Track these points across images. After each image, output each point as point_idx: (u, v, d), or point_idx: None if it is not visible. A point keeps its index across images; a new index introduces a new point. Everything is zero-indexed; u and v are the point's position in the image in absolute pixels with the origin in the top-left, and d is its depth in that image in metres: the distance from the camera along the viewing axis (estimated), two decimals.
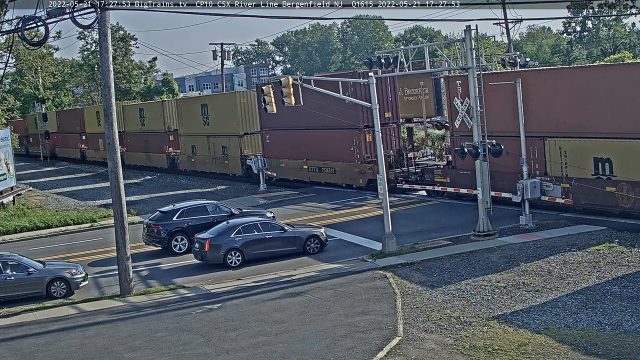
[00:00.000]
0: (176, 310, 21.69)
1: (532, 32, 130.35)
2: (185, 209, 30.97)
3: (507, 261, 23.84)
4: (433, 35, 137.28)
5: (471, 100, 27.83)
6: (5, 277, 24.26)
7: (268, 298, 22.14)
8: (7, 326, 21.55)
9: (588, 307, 18.83)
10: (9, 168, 47.05)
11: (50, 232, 37.69)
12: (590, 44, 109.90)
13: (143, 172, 61.20)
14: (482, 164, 27.69)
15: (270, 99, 28.27)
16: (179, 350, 18.15)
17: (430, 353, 16.59)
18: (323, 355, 16.84)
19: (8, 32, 35.67)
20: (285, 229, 27.89)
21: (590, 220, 28.59)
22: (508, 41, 59.20)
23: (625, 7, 42.39)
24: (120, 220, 24.08)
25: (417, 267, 24.23)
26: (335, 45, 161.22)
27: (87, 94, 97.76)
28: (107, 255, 29.84)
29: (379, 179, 27.13)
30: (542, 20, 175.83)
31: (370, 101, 27.56)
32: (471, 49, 27.35)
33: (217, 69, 79.21)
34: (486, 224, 27.51)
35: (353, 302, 20.91)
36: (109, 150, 24.31)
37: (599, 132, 27.93)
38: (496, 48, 53.64)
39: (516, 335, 17.23)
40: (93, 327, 20.78)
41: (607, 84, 27.66)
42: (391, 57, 29.51)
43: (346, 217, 34.82)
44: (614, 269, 21.95)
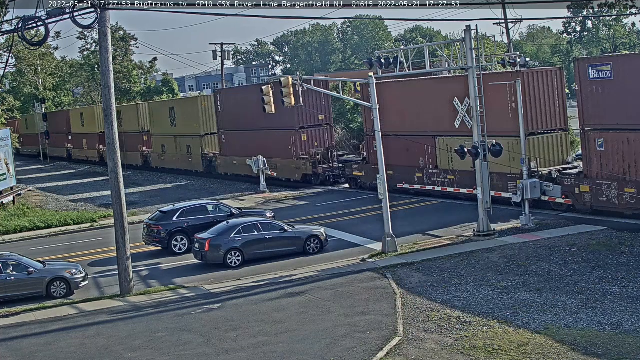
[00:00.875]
0: (176, 310, 21.69)
1: (532, 32, 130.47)
2: (185, 209, 30.98)
3: (507, 261, 23.85)
4: (433, 35, 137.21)
5: (471, 100, 27.84)
6: (5, 277, 24.26)
7: (268, 298, 22.14)
8: (7, 326, 21.55)
9: (588, 307, 18.84)
10: (9, 168, 47.04)
11: (50, 232, 37.69)
12: (590, 44, 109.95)
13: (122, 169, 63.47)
14: (482, 163, 27.70)
15: (270, 99, 28.30)
16: (179, 350, 18.15)
17: (430, 353, 16.59)
18: (323, 355, 16.85)
19: (8, 32, 35.66)
20: (285, 229, 27.90)
21: (590, 220, 28.60)
22: (508, 41, 59.17)
23: (625, 7, 42.37)
24: (120, 220, 24.08)
25: (417, 267, 24.24)
26: (335, 45, 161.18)
27: (87, 94, 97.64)
28: (107, 255, 29.84)
29: (379, 179, 27.11)
30: (542, 20, 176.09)
31: (370, 101, 27.53)
32: (471, 49, 27.36)
33: (217, 69, 79.18)
34: (486, 224, 27.52)
35: (353, 302, 20.91)
36: (109, 150, 24.30)
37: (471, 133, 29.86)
38: (496, 48, 53.64)
39: (516, 335, 17.23)
40: (93, 327, 20.78)
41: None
42: (391, 57, 29.50)
43: (346, 217, 34.85)
44: (614, 269, 21.96)
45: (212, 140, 53.89)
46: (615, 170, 28.18)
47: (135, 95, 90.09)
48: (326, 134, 44.69)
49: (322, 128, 44.55)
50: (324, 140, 44.52)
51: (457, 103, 31.76)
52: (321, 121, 44.28)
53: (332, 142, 45.21)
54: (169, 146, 59.25)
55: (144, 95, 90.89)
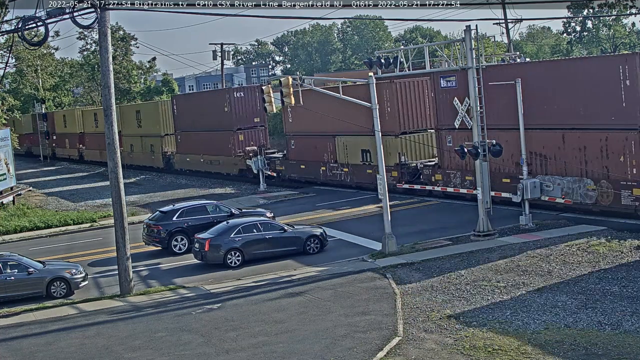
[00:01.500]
0: (176, 310, 21.69)
1: (532, 32, 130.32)
2: (185, 209, 31.00)
3: (507, 261, 23.83)
4: (433, 35, 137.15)
5: (471, 100, 27.85)
6: (5, 277, 24.26)
7: (268, 298, 22.14)
8: (7, 326, 21.55)
9: (588, 307, 18.83)
10: (8, 168, 47.06)
11: (50, 232, 37.71)
12: (590, 44, 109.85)
13: (96, 166, 71.42)
14: (482, 163, 27.70)
15: (270, 99, 28.31)
16: (179, 350, 18.15)
17: (430, 353, 16.58)
18: (323, 355, 16.84)
19: (8, 32, 35.67)
20: (285, 229, 27.90)
21: (590, 220, 28.59)
22: (508, 41, 59.22)
23: (625, 7, 42.43)
24: (120, 220, 24.08)
25: (417, 267, 24.24)
26: (335, 45, 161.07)
27: (87, 94, 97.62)
28: (107, 255, 29.85)
29: (379, 179, 27.12)
30: (542, 20, 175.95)
31: (369, 102, 27.53)
32: (471, 49, 27.37)
33: (217, 69, 79.28)
34: (486, 224, 27.52)
35: (353, 302, 20.91)
36: (109, 150, 24.32)
37: (362, 132, 36.32)
38: (496, 48, 53.68)
39: (516, 335, 17.21)
40: (93, 327, 20.78)
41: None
42: (391, 57, 29.51)
43: (346, 217, 34.86)
44: (614, 269, 21.95)
45: (171, 140, 60.14)
46: (459, 162, 33.25)
47: (135, 95, 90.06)
48: (261, 134, 51.41)
49: (257, 129, 51.24)
50: (258, 140, 50.82)
51: (456, 103, 31.80)
52: (256, 123, 51.06)
53: (265, 141, 51.40)
54: (136, 145, 64.98)
55: (143, 95, 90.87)
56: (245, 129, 50.92)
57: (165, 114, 59.77)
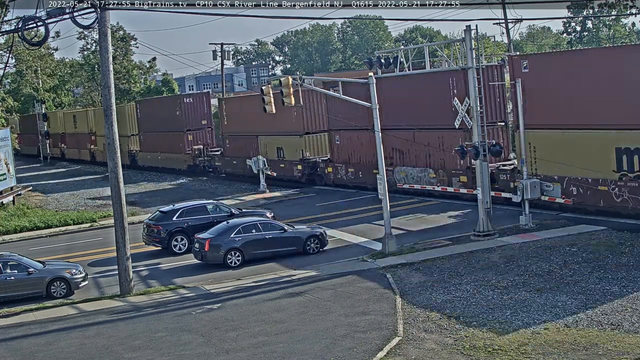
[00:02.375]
0: (176, 310, 21.69)
1: (532, 32, 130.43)
2: (185, 209, 31.00)
3: (507, 261, 23.84)
4: (433, 35, 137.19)
5: (471, 100, 27.85)
6: (5, 277, 24.26)
7: (268, 298, 22.14)
8: (7, 326, 21.55)
9: (588, 307, 18.83)
10: (8, 168, 47.05)
11: (50, 232, 37.70)
12: (590, 44, 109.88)
13: (73, 163, 79.10)
14: (482, 163, 27.70)
15: (270, 99, 28.29)
16: (179, 350, 18.15)
17: (430, 353, 16.58)
18: (323, 355, 16.85)
19: (8, 32, 35.66)
20: (285, 229, 27.90)
21: (590, 220, 28.60)
22: (508, 41, 59.18)
23: (625, 7, 42.42)
24: (120, 220, 24.08)
25: (417, 267, 24.24)
26: (335, 45, 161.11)
27: (87, 94, 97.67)
28: (107, 255, 29.84)
29: (379, 179, 27.11)
30: (542, 20, 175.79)
31: (369, 101, 27.52)
32: (471, 49, 27.36)
33: (217, 69, 79.24)
34: (486, 223, 27.52)
35: (353, 302, 20.91)
36: (109, 150, 24.33)
37: (278, 133, 46.75)
38: (496, 48, 53.68)
39: (516, 335, 17.22)
40: (93, 327, 20.78)
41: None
42: (391, 57, 29.53)
43: (346, 216, 34.87)
44: (614, 269, 21.95)
45: (136, 140, 66.77)
46: (345, 157, 42.04)
47: (135, 95, 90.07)
48: (207, 134, 58.64)
49: (204, 130, 58.64)
50: (205, 139, 58.18)
51: (456, 103, 31.80)
52: (204, 125, 58.52)
53: (211, 141, 58.40)
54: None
55: (143, 95, 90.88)
56: (194, 130, 58.08)
57: (131, 117, 65.87)
